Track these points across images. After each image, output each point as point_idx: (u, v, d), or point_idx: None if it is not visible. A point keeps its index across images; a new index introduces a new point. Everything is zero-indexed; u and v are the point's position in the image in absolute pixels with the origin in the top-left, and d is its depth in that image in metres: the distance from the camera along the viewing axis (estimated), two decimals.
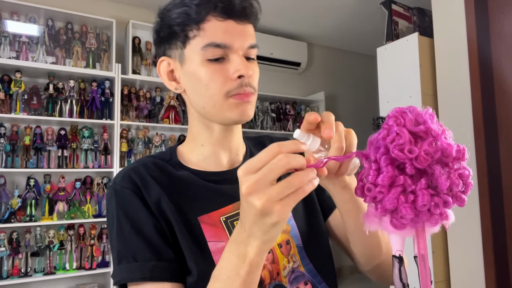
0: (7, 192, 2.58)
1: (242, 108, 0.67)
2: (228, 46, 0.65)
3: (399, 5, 2.71)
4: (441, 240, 2.25)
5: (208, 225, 0.67)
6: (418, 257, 0.45)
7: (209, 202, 0.69)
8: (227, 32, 0.65)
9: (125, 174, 0.68)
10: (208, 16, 0.64)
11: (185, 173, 0.71)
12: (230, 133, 0.74)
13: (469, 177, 0.44)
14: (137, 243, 0.62)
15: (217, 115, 0.68)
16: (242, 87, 0.66)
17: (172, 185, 0.68)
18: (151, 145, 3.13)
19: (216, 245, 0.65)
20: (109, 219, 0.67)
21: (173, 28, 0.67)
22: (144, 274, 0.60)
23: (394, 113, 0.44)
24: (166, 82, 0.73)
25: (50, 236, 2.67)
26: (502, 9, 2.04)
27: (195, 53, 0.66)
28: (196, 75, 0.66)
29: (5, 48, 2.69)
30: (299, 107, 4.06)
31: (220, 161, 0.74)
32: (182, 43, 0.67)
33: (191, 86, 0.69)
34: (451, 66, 2.26)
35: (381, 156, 0.43)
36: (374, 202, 0.44)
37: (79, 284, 2.81)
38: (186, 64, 0.68)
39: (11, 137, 2.62)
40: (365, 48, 4.32)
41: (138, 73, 3.12)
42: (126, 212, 0.64)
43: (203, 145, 0.74)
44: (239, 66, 0.64)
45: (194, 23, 0.65)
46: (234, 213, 0.69)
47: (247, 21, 0.68)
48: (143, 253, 0.62)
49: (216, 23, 0.64)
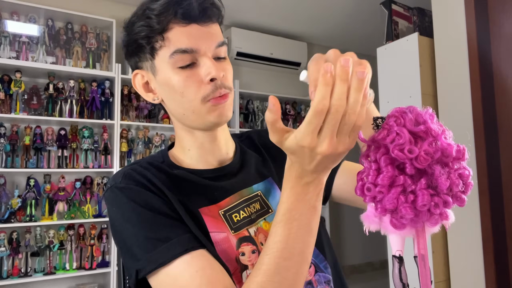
0: (7, 192, 2.58)
1: (220, 110, 0.67)
2: (195, 50, 0.65)
3: (399, 5, 2.71)
4: (441, 240, 2.25)
5: (209, 216, 0.67)
6: (418, 257, 0.45)
7: (206, 198, 0.70)
8: (192, 36, 0.64)
9: (125, 173, 0.68)
10: (170, 24, 0.64)
11: (180, 171, 0.72)
12: (214, 137, 0.74)
13: (469, 177, 0.44)
14: (165, 224, 0.62)
15: (198, 120, 0.68)
16: (217, 89, 0.66)
17: (170, 183, 0.69)
18: (151, 145, 3.13)
19: (218, 235, 0.66)
20: (122, 217, 0.64)
21: (139, 42, 0.67)
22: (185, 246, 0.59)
23: (394, 113, 0.45)
24: (143, 94, 0.73)
25: (50, 236, 2.67)
26: (502, 9, 2.04)
27: (164, 62, 0.66)
28: (170, 84, 0.66)
29: (5, 48, 2.69)
30: (299, 107, 4.06)
31: (209, 163, 0.75)
32: (151, 55, 0.67)
33: (167, 95, 0.69)
34: (451, 66, 2.26)
35: (381, 156, 0.43)
36: (374, 202, 0.44)
37: (79, 284, 2.81)
38: (158, 74, 0.68)
39: (11, 137, 2.62)
40: (365, 48, 4.31)
41: None
42: (141, 203, 0.63)
43: (189, 150, 0.74)
44: (210, 69, 0.64)
45: (157, 33, 0.65)
46: (232, 205, 0.71)
47: (211, 21, 0.67)
48: (176, 230, 0.61)
49: (179, 30, 0.64)
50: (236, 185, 0.74)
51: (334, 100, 0.40)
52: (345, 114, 0.41)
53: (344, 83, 0.40)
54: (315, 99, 0.40)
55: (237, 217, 0.70)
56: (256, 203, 0.73)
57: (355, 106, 0.41)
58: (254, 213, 0.72)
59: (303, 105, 4.07)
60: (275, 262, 0.51)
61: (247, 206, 0.72)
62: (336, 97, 0.40)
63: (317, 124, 0.42)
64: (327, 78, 0.39)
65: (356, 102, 0.41)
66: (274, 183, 0.77)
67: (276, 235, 0.51)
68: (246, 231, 0.69)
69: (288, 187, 0.50)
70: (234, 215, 0.70)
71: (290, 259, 0.51)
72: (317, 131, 0.42)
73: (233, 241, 0.67)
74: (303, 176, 0.48)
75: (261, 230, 0.71)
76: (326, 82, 0.39)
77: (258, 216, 0.72)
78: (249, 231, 0.69)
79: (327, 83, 0.40)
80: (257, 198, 0.74)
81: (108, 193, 0.67)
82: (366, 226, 0.46)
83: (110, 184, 0.68)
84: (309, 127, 0.42)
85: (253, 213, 0.71)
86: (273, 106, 0.44)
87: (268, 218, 0.72)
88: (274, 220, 0.53)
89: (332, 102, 0.40)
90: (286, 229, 0.51)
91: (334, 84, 0.40)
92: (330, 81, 0.40)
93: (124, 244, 0.63)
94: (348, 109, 0.41)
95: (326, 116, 0.41)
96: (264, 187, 0.76)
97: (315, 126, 0.42)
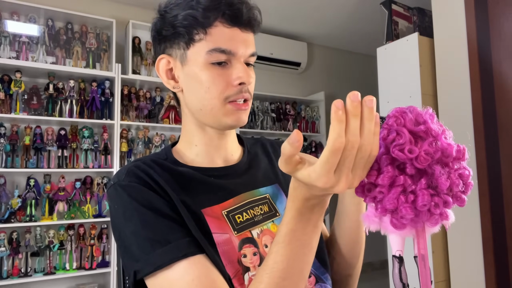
0: (7, 192, 2.58)
1: (238, 115, 0.69)
2: (233, 53, 0.67)
3: (399, 5, 2.71)
4: (441, 240, 2.25)
5: (212, 217, 0.67)
6: (418, 257, 0.45)
7: (210, 196, 0.70)
8: (232, 39, 0.67)
9: (128, 170, 0.68)
10: (215, 21, 0.66)
11: (184, 169, 0.72)
12: (224, 137, 0.75)
13: (469, 177, 0.44)
14: (165, 226, 0.62)
15: (213, 119, 0.69)
16: (241, 93, 0.68)
17: (174, 180, 0.69)
18: (151, 145, 3.13)
19: (220, 236, 0.66)
20: (123, 215, 0.64)
21: (178, 29, 0.68)
22: (183, 251, 0.59)
23: (394, 113, 0.44)
24: (164, 80, 0.73)
25: (50, 236, 2.67)
26: (502, 9, 2.04)
27: (198, 55, 0.67)
28: (198, 77, 0.67)
29: (5, 48, 2.69)
30: (299, 107, 4.06)
31: (214, 161, 0.75)
32: (186, 44, 0.68)
33: (191, 87, 0.70)
34: (451, 66, 2.26)
35: (381, 156, 0.43)
36: (374, 202, 0.44)
37: (79, 284, 2.81)
38: (187, 65, 0.69)
39: (11, 137, 2.62)
40: (365, 48, 4.32)
41: (138, 73, 3.12)
42: (142, 202, 0.63)
43: (196, 145, 0.74)
44: (242, 74, 0.67)
45: (201, 26, 0.66)
46: (236, 206, 0.70)
47: (251, 30, 0.70)
48: (175, 233, 0.61)
49: (223, 30, 0.67)
50: (241, 186, 0.74)
51: (349, 136, 0.40)
52: (360, 147, 0.41)
53: (357, 118, 0.39)
54: (331, 137, 0.39)
55: (240, 218, 0.70)
56: (264, 205, 0.73)
57: (369, 137, 0.41)
58: (260, 215, 0.72)
59: (303, 105, 4.08)
60: (274, 282, 0.52)
61: (251, 208, 0.72)
62: (351, 133, 0.40)
63: (333, 163, 0.40)
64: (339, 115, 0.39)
65: (369, 132, 0.40)
66: (281, 189, 0.78)
67: (278, 255, 0.52)
68: (249, 233, 0.69)
69: (293, 208, 0.50)
70: (237, 216, 0.70)
71: (289, 278, 0.52)
72: (333, 170, 0.41)
73: (236, 242, 0.67)
74: (310, 199, 0.48)
75: (268, 232, 0.71)
76: (339, 119, 0.39)
77: (266, 218, 0.72)
78: (252, 233, 0.69)
79: (340, 120, 0.39)
80: (265, 200, 0.74)
81: (111, 190, 0.67)
82: (366, 226, 0.46)
83: (113, 181, 0.68)
84: (326, 167, 0.41)
85: (259, 215, 0.71)
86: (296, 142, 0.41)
87: (276, 220, 0.73)
88: (275, 239, 0.53)
89: (348, 138, 0.40)
90: (288, 249, 0.51)
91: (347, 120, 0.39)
92: (343, 117, 0.39)
93: (123, 242, 0.63)
94: (363, 141, 0.40)
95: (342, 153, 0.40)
96: (272, 192, 0.76)
97: (331, 165, 0.41)
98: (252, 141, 0.86)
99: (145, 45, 3.22)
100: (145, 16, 3.29)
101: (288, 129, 3.88)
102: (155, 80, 3.13)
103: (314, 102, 4.10)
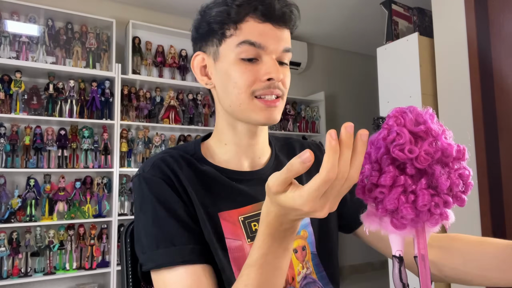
0: (7, 192, 2.58)
1: (268, 112, 0.67)
2: (262, 47, 0.66)
3: (399, 5, 2.71)
4: None
5: (227, 222, 0.67)
6: (418, 257, 0.45)
7: (229, 200, 0.69)
8: (263, 34, 0.66)
9: (154, 163, 0.69)
10: (247, 17, 0.66)
11: (208, 168, 0.72)
12: (255, 136, 0.74)
13: (469, 177, 0.44)
14: (174, 228, 0.63)
15: (243, 115, 0.69)
16: (270, 88, 0.66)
17: (196, 179, 0.69)
18: (151, 145, 3.13)
19: (233, 242, 0.66)
20: (139, 206, 0.67)
21: (212, 26, 0.68)
22: (184, 258, 0.60)
23: (394, 113, 0.44)
24: (198, 77, 0.74)
25: (50, 236, 2.67)
26: (502, 9, 2.04)
27: (229, 51, 0.67)
28: (228, 72, 0.67)
29: (5, 48, 2.69)
30: (299, 107, 4.06)
31: (241, 163, 0.75)
32: (218, 41, 0.68)
33: (221, 83, 0.70)
34: (451, 66, 2.26)
35: (382, 156, 0.43)
36: (374, 203, 0.44)
37: (79, 284, 2.81)
38: (219, 61, 0.69)
39: (11, 137, 2.62)
40: (365, 48, 4.32)
41: (138, 73, 3.12)
42: (159, 199, 0.65)
43: (226, 144, 0.74)
44: (270, 69, 0.65)
45: (232, 22, 0.66)
46: (253, 213, 0.70)
47: (285, 26, 0.69)
48: (181, 237, 0.62)
49: (254, 25, 0.66)
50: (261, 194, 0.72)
51: (341, 167, 0.40)
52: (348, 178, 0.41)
53: (349, 149, 0.40)
54: (325, 167, 0.39)
55: (256, 226, 0.69)
56: None
57: (358, 168, 0.41)
58: None
59: (303, 105, 4.07)
60: None
61: None
62: (343, 164, 0.40)
63: (323, 191, 0.41)
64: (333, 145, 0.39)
65: (359, 164, 0.41)
66: None
67: (249, 278, 0.51)
68: None
69: (265, 233, 0.50)
70: (254, 224, 0.69)
71: None
72: (320, 197, 0.42)
73: (248, 250, 0.67)
74: (283, 223, 0.48)
75: None
76: (334, 149, 0.39)
77: None
78: None
79: (335, 151, 0.39)
80: None
81: (135, 180, 0.69)
82: (366, 226, 0.46)
83: (139, 171, 0.70)
84: (314, 194, 0.41)
85: None
86: (308, 162, 0.40)
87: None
88: (246, 262, 0.53)
89: (340, 169, 0.40)
90: (259, 273, 0.51)
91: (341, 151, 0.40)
92: (337, 148, 0.39)
93: (137, 231, 0.66)
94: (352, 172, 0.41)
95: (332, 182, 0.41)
96: None
97: (320, 192, 0.41)
98: (282, 143, 0.85)
99: (145, 45, 3.22)
100: (145, 16, 3.29)
101: (288, 129, 3.88)
102: (155, 80, 3.14)
103: (314, 102, 4.10)
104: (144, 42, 3.21)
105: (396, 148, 0.42)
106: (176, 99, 3.23)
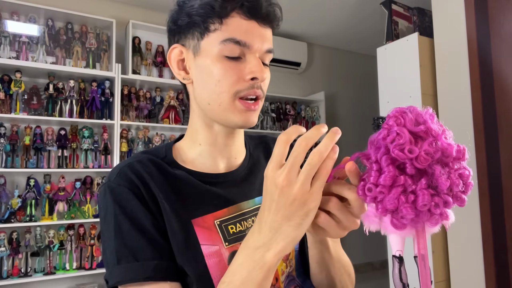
0: (7, 192, 2.58)
1: (246, 115, 0.66)
2: (248, 45, 0.64)
3: (399, 5, 2.71)
4: (441, 240, 2.25)
5: (202, 228, 0.65)
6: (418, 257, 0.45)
7: (204, 205, 0.67)
8: (249, 32, 0.64)
9: (120, 171, 0.65)
10: (233, 12, 0.64)
11: (180, 172, 0.69)
12: (232, 136, 0.72)
13: (469, 177, 0.44)
14: (137, 242, 0.60)
15: (221, 115, 0.66)
16: (253, 88, 0.65)
17: (167, 185, 0.66)
18: (151, 145, 3.13)
19: (209, 248, 0.64)
20: (104, 218, 0.64)
21: (193, 18, 0.65)
22: (146, 274, 0.58)
23: (394, 113, 0.45)
24: (175, 71, 0.71)
25: (50, 236, 2.67)
26: (502, 9, 2.04)
27: (212, 46, 0.64)
28: (209, 69, 0.65)
29: (5, 48, 2.69)
30: (299, 107, 4.06)
31: (216, 164, 0.72)
32: (200, 34, 0.65)
33: (201, 79, 0.67)
34: (451, 66, 2.26)
35: (382, 156, 0.43)
36: (374, 202, 0.44)
37: (79, 284, 2.81)
38: (200, 56, 0.66)
39: (11, 137, 2.62)
40: (365, 48, 4.31)
41: (138, 73, 3.12)
42: (124, 210, 0.61)
43: (200, 145, 0.71)
44: (255, 68, 0.64)
45: (217, 16, 0.63)
46: (229, 217, 0.68)
47: (269, 25, 0.68)
48: (145, 252, 0.59)
49: (239, 21, 0.64)
50: (237, 196, 0.70)
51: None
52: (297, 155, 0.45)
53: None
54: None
55: (233, 229, 0.67)
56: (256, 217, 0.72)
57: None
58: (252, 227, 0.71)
59: (303, 105, 4.07)
60: None
61: (244, 220, 0.69)
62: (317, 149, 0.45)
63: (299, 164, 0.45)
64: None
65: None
66: None
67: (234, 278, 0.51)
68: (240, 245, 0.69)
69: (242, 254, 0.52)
70: (231, 227, 0.67)
71: None
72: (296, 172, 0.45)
73: (225, 254, 0.65)
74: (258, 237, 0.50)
75: None
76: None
77: None
78: None
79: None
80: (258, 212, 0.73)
81: (101, 189, 0.66)
82: (366, 226, 0.46)
83: (105, 180, 0.67)
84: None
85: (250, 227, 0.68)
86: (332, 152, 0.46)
87: None
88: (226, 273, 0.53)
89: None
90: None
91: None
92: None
93: (103, 243, 0.64)
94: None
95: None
96: None
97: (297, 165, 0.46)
98: (256, 142, 0.83)
99: (145, 45, 3.22)
100: (145, 16, 3.29)
101: None
102: (155, 80, 3.13)
103: (314, 102, 4.10)
104: (144, 42, 3.21)
105: (396, 148, 0.42)
106: (176, 99, 3.23)
